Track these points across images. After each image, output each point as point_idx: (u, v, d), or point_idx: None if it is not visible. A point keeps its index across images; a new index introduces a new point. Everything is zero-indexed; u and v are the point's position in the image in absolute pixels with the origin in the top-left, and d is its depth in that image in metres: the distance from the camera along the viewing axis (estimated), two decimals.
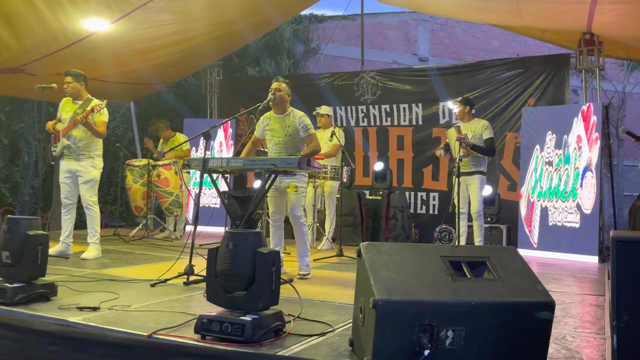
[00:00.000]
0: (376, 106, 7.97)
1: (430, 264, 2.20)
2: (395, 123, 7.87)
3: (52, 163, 5.19)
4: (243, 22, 7.10)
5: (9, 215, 3.16)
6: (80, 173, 4.98)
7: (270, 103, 4.28)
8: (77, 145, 4.99)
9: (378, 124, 7.97)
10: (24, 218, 3.10)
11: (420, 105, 7.72)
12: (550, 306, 2.08)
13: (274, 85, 4.29)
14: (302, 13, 11.42)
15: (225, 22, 6.84)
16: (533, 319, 2.06)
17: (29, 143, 8.44)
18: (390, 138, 7.90)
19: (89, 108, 4.91)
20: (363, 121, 8.06)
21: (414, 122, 7.76)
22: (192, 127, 7.99)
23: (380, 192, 7.25)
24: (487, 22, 7.94)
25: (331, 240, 6.47)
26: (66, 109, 5.08)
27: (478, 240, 5.77)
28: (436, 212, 7.56)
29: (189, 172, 7.24)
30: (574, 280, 4.64)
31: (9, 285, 2.94)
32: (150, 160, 6.77)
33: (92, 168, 5.02)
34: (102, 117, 5.02)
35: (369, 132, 8.01)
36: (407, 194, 7.66)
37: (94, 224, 5.02)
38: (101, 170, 5.15)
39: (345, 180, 6.28)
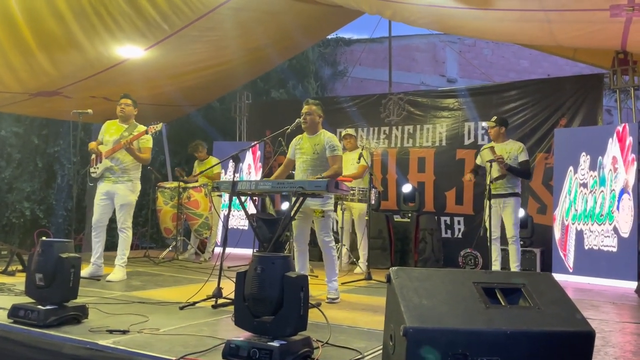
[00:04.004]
0: (399, 127, 7.89)
1: (462, 290, 2.14)
2: (417, 144, 7.75)
3: (91, 184, 5.25)
4: (272, 48, 7.23)
5: (43, 238, 3.22)
6: (118, 197, 5.04)
7: (303, 126, 4.35)
8: (120, 167, 5.05)
9: (399, 145, 7.88)
10: (57, 241, 3.16)
11: (444, 125, 7.62)
12: (589, 336, 2.00)
13: (305, 109, 4.34)
14: (329, 36, 11.52)
15: (255, 48, 6.97)
16: (572, 349, 1.98)
17: (63, 166, 8.66)
18: (410, 160, 7.76)
19: (135, 133, 4.99)
20: (384, 142, 7.99)
21: (436, 143, 7.63)
22: (222, 150, 8.08)
23: (409, 215, 7.15)
24: (518, 42, 7.85)
25: (366, 264, 6.07)
26: (110, 131, 5.12)
27: (514, 266, 5.53)
28: (460, 236, 7.38)
29: (220, 196, 7.30)
30: (613, 307, 4.46)
31: (42, 307, 2.99)
32: (181, 183, 6.86)
33: (130, 192, 5.08)
34: (148, 142, 5.10)
35: (389, 154, 7.92)
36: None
37: (124, 248, 5.06)
38: (138, 193, 5.22)
39: (373, 202, 6.20)
